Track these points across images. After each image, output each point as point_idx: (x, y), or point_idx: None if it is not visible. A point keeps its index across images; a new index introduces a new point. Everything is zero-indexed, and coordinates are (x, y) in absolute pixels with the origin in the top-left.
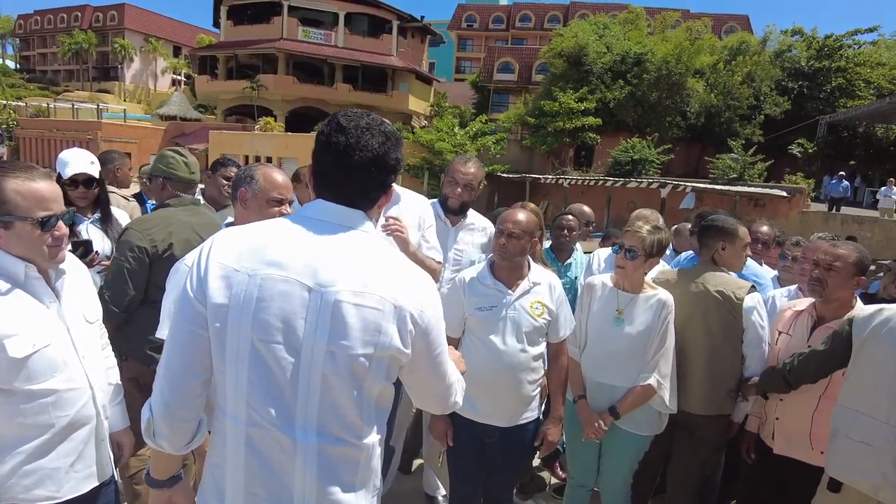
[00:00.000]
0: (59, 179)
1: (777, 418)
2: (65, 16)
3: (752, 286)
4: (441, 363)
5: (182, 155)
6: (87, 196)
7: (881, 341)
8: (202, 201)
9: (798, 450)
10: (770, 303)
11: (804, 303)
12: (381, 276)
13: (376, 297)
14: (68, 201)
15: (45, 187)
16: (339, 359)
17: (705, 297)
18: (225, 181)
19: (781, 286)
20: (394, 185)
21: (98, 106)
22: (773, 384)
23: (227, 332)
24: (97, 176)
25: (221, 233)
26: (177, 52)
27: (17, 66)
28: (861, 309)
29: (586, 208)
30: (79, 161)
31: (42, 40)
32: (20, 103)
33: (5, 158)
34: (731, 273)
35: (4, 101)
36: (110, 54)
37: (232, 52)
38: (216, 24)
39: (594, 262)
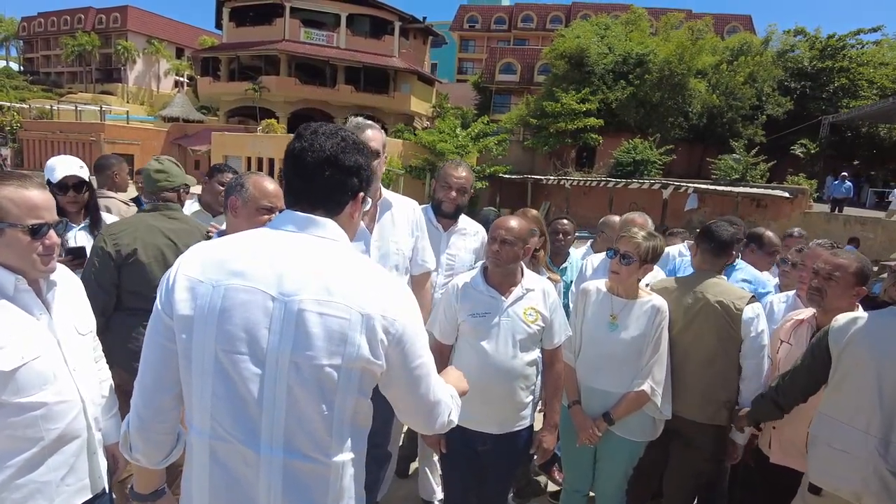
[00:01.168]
0: (49, 185)
1: (774, 427)
2: (68, 18)
3: (753, 296)
4: (421, 377)
5: (159, 163)
6: (78, 201)
7: (858, 350)
8: (194, 208)
9: (794, 459)
10: (768, 308)
11: (806, 312)
12: (347, 283)
13: (342, 306)
14: (59, 208)
15: (38, 195)
16: (304, 370)
17: (704, 306)
18: (220, 187)
19: (780, 291)
20: (384, 191)
21: (101, 108)
22: (765, 410)
23: (193, 344)
24: (87, 179)
25: (192, 246)
26: (179, 53)
27: (21, 68)
28: (836, 318)
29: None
30: (67, 165)
31: (45, 42)
32: (24, 105)
33: (8, 161)
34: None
35: (8, 103)
36: (113, 56)
37: (234, 53)
38: (218, 25)
39: (587, 268)
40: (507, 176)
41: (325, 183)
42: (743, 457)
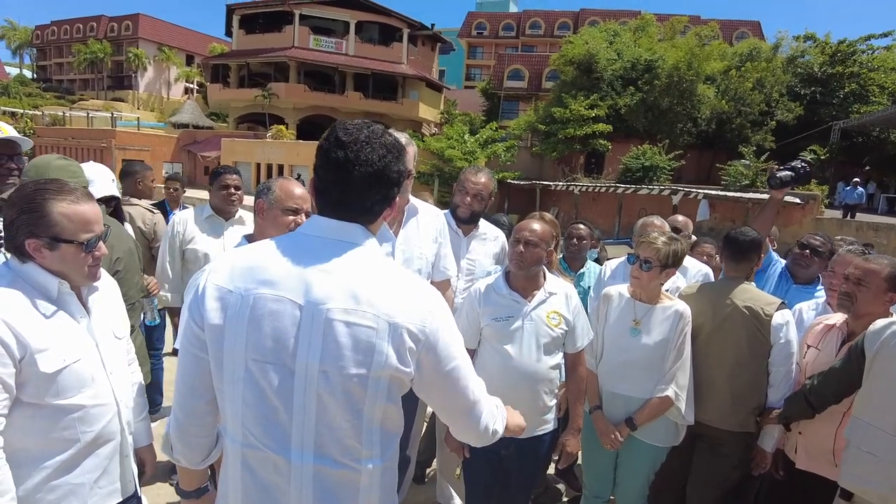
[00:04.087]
0: None
1: (800, 433)
2: (81, 26)
3: (782, 302)
4: (457, 379)
5: (65, 160)
6: (106, 213)
7: (891, 354)
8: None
9: (821, 466)
10: (797, 315)
11: (837, 317)
12: (375, 292)
13: (369, 315)
14: None
15: (90, 210)
16: (333, 378)
17: (733, 312)
18: (224, 189)
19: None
20: (411, 197)
21: (112, 114)
22: (797, 409)
23: (224, 353)
24: (119, 194)
25: (221, 255)
26: (189, 60)
27: (35, 75)
28: (874, 323)
29: (679, 218)
30: (105, 182)
31: (58, 50)
32: (37, 112)
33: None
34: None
35: (22, 110)
36: (124, 63)
37: (244, 60)
38: (228, 32)
39: (605, 272)
40: (515, 182)
41: (370, 197)
42: (774, 467)
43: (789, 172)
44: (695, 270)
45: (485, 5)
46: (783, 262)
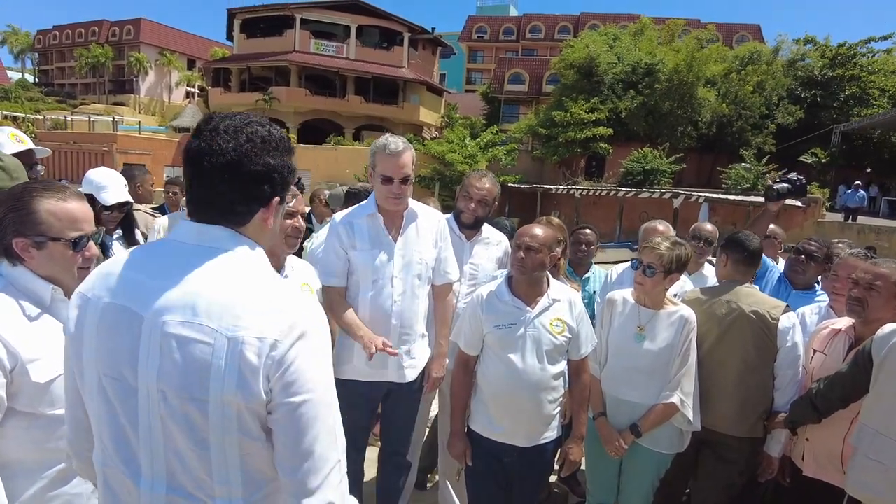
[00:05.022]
0: (92, 201)
1: (807, 439)
2: (82, 31)
3: (787, 306)
4: (305, 418)
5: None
6: (118, 218)
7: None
8: None
9: (829, 473)
10: (800, 319)
11: (844, 322)
12: (219, 301)
13: (206, 329)
14: (98, 222)
15: (78, 208)
16: (172, 401)
17: (739, 317)
18: None
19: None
20: (410, 201)
21: (114, 118)
22: (803, 413)
23: (83, 364)
24: (132, 199)
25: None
26: (191, 64)
27: (36, 80)
28: (882, 328)
29: (709, 226)
30: (117, 188)
31: (60, 55)
32: (38, 116)
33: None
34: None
35: (23, 115)
36: (126, 68)
37: (245, 64)
38: (229, 37)
39: (611, 277)
40: (516, 185)
41: (226, 192)
42: (781, 473)
43: (786, 185)
44: (715, 281)
45: (485, 9)
46: (779, 268)
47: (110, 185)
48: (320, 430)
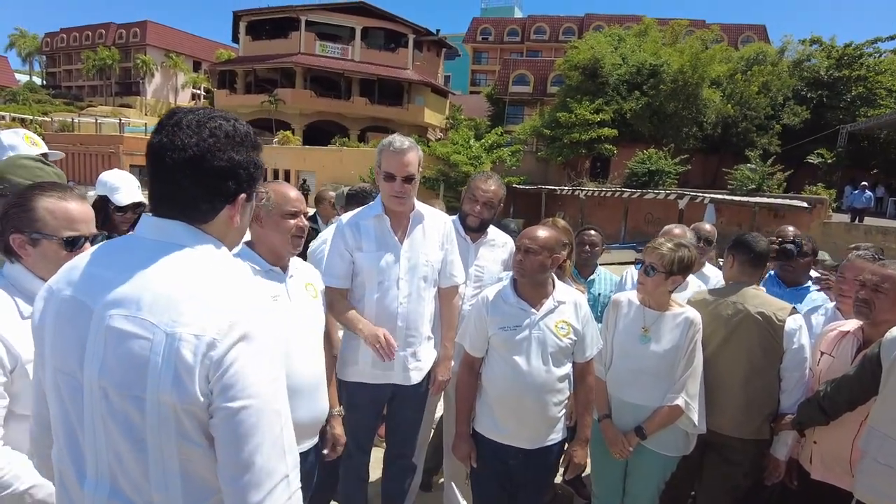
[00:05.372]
0: (106, 203)
1: (815, 442)
2: (89, 33)
3: (793, 307)
4: (247, 427)
5: (46, 163)
6: (132, 220)
7: None
8: None
9: (837, 476)
10: (807, 322)
11: (850, 324)
12: (162, 295)
13: (146, 323)
14: (112, 225)
15: (76, 208)
16: (112, 398)
17: (745, 318)
18: None
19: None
20: (417, 203)
21: (120, 120)
22: (810, 415)
23: (44, 358)
24: (146, 201)
25: None
26: (197, 66)
27: (44, 82)
28: (891, 330)
29: (707, 226)
30: (131, 189)
31: (67, 57)
32: (46, 118)
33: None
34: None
35: (31, 117)
36: (132, 70)
37: (250, 66)
38: (235, 39)
39: (626, 281)
40: (520, 187)
41: (189, 189)
42: (788, 476)
43: (792, 246)
44: (716, 279)
45: (490, 11)
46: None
47: (123, 187)
48: (263, 439)
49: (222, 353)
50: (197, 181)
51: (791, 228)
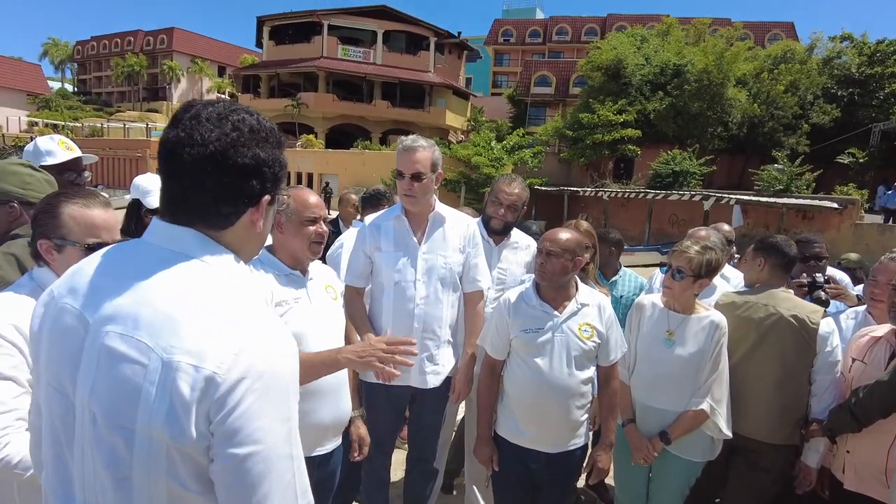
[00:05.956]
0: (139, 207)
1: (848, 451)
2: (118, 41)
3: (825, 311)
4: (254, 483)
5: (37, 170)
6: None
7: None
8: None
9: (871, 487)
10: (837, 323)
11: (882, 329)
12: (163, 314)
13: (142, 346)
14: (145, 228)
15: (99, 215)
16: (100, 427)
17: (778, 321)
18: None
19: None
20: (438, 205)
21: (147, 125)
22: (842, 422)
23: (40, 368)
24: None
25: None
26: (221, 71)
27: (75, 89)
28: None
29: (725, 226)
30: None
31: (97, 64)
32: (77, 124)
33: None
34: None
35: (63, 122)
36: (159, 76)
37: (274, 71)
38: (259, 44)
39: (655, 283)
40: (543, 188)
41: (208, 190)
42: (820, 487)
43: (825, 296)
44: (737, 281)
45: (511, 12)
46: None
47: (155, 190)
48: (272, 488)
49: (226, 391)
50: (219, 180)
51: (817, 242)
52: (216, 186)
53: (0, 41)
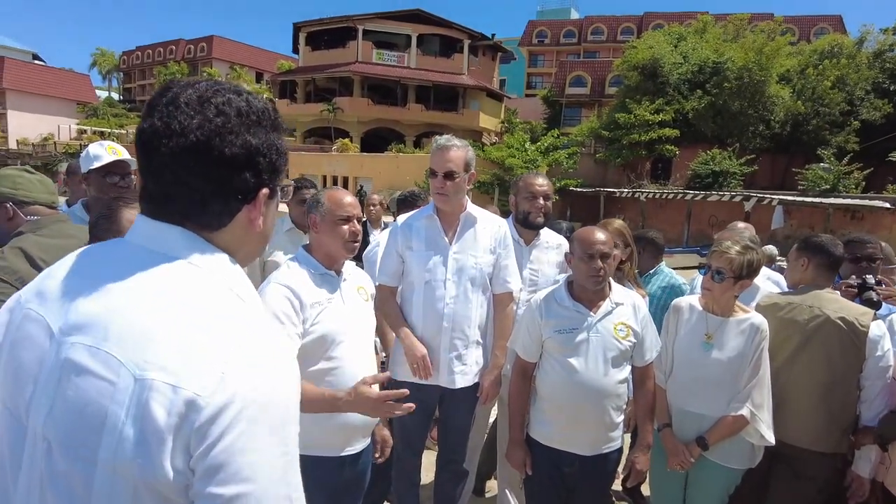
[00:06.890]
0: None
1: None
2: (161, 50)
3: (875, 313)
4: None
5: (32, 172)
6: None
7: None
8: (286, 226)
9: None
10: (888, 325)
11: None
12: (137, 325)
13: (112, 361)
14: None
15: None
16: (55, 458)
17: (824, 324)
18: (303, 203)
19: None
20: (470, 205)
21: None
22: (895, 429)
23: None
24: None
25: None
26: (259, 77)
27: (121, 97)
28: None
29: (740, 224)
30: None
31: (142, 73)
32: (122, 131)
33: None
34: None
35: (109, 130)
36: None
37: (310, 76)
38: (295, 49)
39: (696, 285)
40: (578, 189)
41: (192, 187)
42: (869, 494)
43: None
44: (765, 278)
45: (546, 13)
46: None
47: None
48: None
49: (209, 418)
50: (204, 175)
51: (870, 242)
52: (203, 183)
53: (53, 53)
